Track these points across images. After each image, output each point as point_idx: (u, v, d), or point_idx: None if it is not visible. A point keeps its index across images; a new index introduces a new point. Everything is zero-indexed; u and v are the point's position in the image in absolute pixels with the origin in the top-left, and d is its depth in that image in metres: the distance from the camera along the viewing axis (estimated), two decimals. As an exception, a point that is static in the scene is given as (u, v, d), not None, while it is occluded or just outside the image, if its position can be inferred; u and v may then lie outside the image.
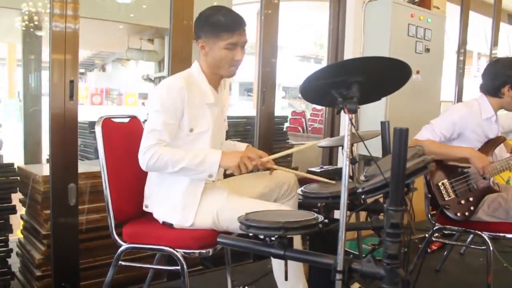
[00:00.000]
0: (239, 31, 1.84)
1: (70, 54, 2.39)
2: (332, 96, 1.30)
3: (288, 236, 1.41)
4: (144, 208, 1.95)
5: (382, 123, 1.95)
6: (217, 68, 1.90)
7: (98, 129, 1.89)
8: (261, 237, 1.44)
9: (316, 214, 1.46)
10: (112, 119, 2.00)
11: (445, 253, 2.93)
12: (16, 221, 2.82)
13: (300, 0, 9.54)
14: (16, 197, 2.72)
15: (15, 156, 6.28)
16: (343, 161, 1.29)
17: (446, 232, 2.63)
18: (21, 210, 2.82)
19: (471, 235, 2.81)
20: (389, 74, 1.35)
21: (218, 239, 1.53)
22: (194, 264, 2.94)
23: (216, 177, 1.81)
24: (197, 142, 1.87)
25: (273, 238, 1.41)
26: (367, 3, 3.51)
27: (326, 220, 1.71)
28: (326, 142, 2.24)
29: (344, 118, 3.56)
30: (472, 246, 2.80)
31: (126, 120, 2.14)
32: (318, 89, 1.33)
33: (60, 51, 2.37)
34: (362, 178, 1.74)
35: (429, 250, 3.22)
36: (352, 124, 1.28)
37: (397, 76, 1.37)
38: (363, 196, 1.49)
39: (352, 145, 2.10)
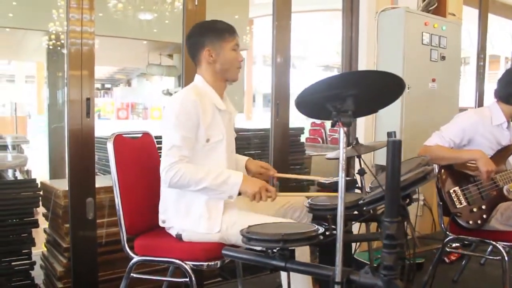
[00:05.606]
0: (235, 34, 1.99)
1: (86, 71, 2.48)
2: (327, 109, 1.32)
3: (290, 248, 1.43)
4: (161, 224, 1.98)
5: (389, 134, 1.96)
6: (226, 72, 1.98)
7: (110, 146, 1.96)
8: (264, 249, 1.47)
9: (316, 226, 1.48)
10: (124, 136, 2.06)
11: (463, 263, 2.88)
12: (42, 235, 2.92)
13: (313, 11, 9.56)
14: (40, 212, 2.82)
15: (42, 171, 6.51)
16: (339, 174, 1.31)
17: (466, 242, 2.59)
18: (45, 224, 2.92)
19: (491, 246, 2.77)
20: (383, 87, 1.37)
21: (223, 252, 1.57)
22: (213, 276, 2.97)
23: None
24: (214, 152, 1.91)
25: (275, 250, 1.44)
26: (380, 12, 3.52)
27: (334, 232, 1.72)
28: (333, 154, 2.25)
29: (360, 127, 3.54)
30: (489, 257, 2.75)
31: (139, 135, 2.20)
32: (313, 103, 1.35)
33: (77, 69, 2.46)
34: (367, 189, 1.75)
35: (447, 261, 3.17)
36: (347, 137, 1.30)
37: (391, 89, 1.38)
38: (364, 208, 1.50)
39: (360, 156, 2.10)
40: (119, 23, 7.05)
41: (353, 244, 2.41)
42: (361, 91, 1.30)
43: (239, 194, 1.87)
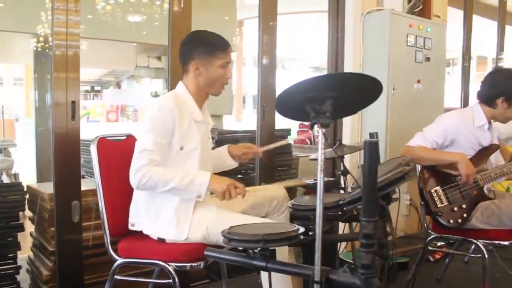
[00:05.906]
0: (228, 50, 1.98)
1: (71, 74, 2.47)
2: (306, 111, 1.34)
3: (270, 248, 1.44)
4: (130, 227, 1.99)
5: (371, 134, 1.98)
6: (209, 87, 1.99)
7: (93, 149, 1.96)
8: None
9: (297, 226, 1.50)
10: (108, 138, 2.07)
11: (446, 261, 2.91)
12: (29, 239, 2.91)
13: (303, 12, 9.61)
14: (27, 215, 2.81)
15: (30, 174, 6.47)
16: (318, 174, 1.32)
17: (451, 241, 2.63)
18: (32, 227, 2.91)
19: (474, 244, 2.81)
20: (361, 89, 1.39)
21: (205, 252, 1.58)
22: (201, 277, 2.97)
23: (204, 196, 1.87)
24: (187, 161, 1.92)
25: (256, 251, 1.45)
26: (365, 14, 3.56)
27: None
28: (316, 154, 2.26)
29: (346, 128, 3.56)
30: (471, 255, 2.78)
31: (123, 138, 2.20)
32: (292, 104, 1.37)
33: (62, 71, 2.46)
34: (349, 189, 1.77)
35: (432, 259, 3.21)
36: (325, 138, 1.32)
37: (369, 91, 1.40)
38: (344, 208, 1.52)
39: (343, 157, 2.13)
40: (108, 25, 7.03)
41: (339, 245, 2.44)
42: (339, 93, 1.32)
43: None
